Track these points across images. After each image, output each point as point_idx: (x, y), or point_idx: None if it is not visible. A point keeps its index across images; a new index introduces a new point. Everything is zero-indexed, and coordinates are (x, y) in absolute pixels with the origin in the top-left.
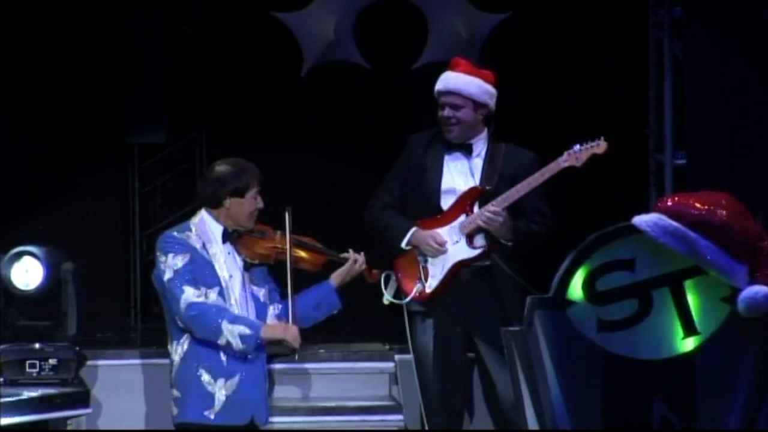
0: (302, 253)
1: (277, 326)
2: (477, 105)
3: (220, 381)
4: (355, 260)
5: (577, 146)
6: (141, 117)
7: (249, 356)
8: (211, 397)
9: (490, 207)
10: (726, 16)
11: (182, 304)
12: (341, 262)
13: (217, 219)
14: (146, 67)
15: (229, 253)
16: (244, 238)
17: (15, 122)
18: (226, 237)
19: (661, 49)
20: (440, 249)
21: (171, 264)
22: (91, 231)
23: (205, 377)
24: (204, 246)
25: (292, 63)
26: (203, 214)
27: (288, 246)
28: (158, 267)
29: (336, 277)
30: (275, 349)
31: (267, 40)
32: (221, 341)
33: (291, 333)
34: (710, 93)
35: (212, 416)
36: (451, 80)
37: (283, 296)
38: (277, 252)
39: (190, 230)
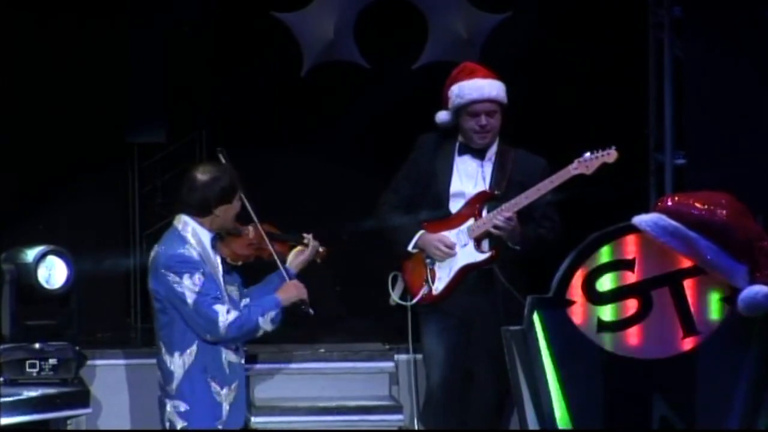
0: (276, 245)
1: (288, 288)
2: (503, 110)
3: (225, 389)
4: (310, 243)
5: (588, 154)
6: (141, 117)
7: (242, 361)
8: (219, 406)
9: (502, 213)
10: (726, 16)
11: (221, 327)
12: (303, 246)
13: (202, 224)
14: (146, 66)
15: (215, 257)
16: (225, 239)
17: (15, 122)
18: (215, 242)
19: (661, 49)
20: (448, 252)
21: (189, 286)
22: (91, 231)
23: (215, 388)
24: (200, 255)
25: (292, 63)
26: (188, 221)
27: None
28: (170, 285)
29: (298, 265)
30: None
31: (267, 40)
32: (259, 334)
33: (301, 290)
34: (710, 93)
35: (221, 425)
36: (486, 88)
37: (246, 287)
38: (254, 248)
39: (189, 242)
